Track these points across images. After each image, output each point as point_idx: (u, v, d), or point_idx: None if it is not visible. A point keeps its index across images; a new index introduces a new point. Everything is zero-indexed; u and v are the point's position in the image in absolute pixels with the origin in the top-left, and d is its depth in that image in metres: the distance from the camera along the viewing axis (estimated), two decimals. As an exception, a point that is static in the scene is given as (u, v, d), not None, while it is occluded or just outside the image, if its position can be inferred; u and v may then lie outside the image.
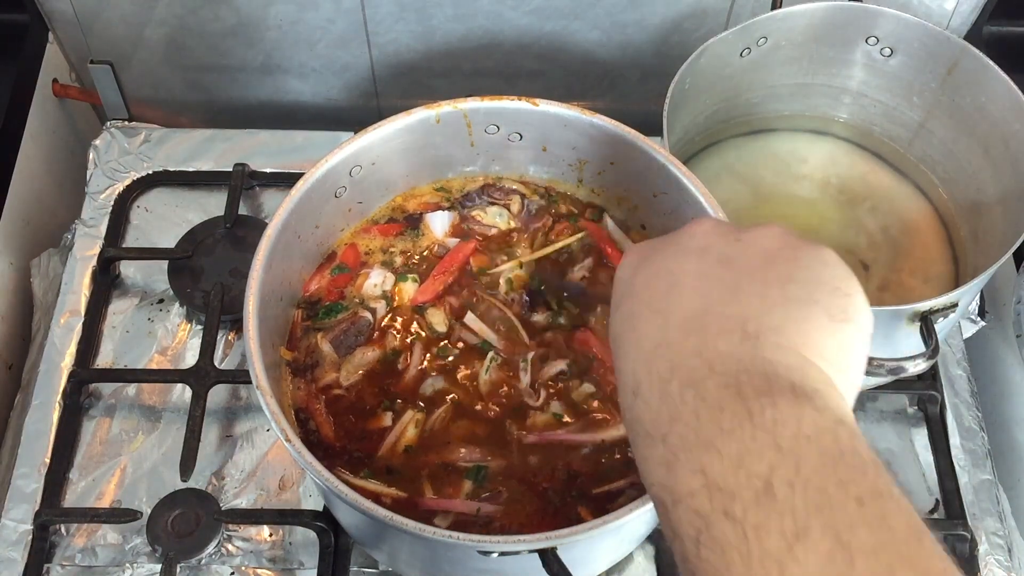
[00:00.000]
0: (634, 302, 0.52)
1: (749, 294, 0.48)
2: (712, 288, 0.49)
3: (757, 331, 0.46)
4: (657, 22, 1.18)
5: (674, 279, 0.51)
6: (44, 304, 1.13)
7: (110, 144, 1.22)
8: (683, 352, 0.47)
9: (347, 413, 0.86)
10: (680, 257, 0.52)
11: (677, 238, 0.55)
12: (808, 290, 0.48)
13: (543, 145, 0.95)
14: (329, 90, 1.28)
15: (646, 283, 0.52)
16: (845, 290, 0.49)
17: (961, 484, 1.02)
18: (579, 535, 0.72)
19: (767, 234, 0.52)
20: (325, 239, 0.93)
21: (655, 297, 0.51)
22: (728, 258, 0.51)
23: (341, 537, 0.95)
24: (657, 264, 0.53)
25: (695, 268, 0.51)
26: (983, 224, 1.04)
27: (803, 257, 0.50)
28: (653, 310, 0.50)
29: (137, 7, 1.17)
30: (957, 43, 1.02)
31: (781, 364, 0.45)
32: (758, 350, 0.46)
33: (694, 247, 0.53)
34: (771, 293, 0.48)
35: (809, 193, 1.12)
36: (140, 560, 0.95)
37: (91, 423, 1.03)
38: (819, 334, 0.47)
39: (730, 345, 0.46)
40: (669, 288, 0.51)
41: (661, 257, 0.53)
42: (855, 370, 0.49)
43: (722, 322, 0.47)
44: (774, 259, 0.50)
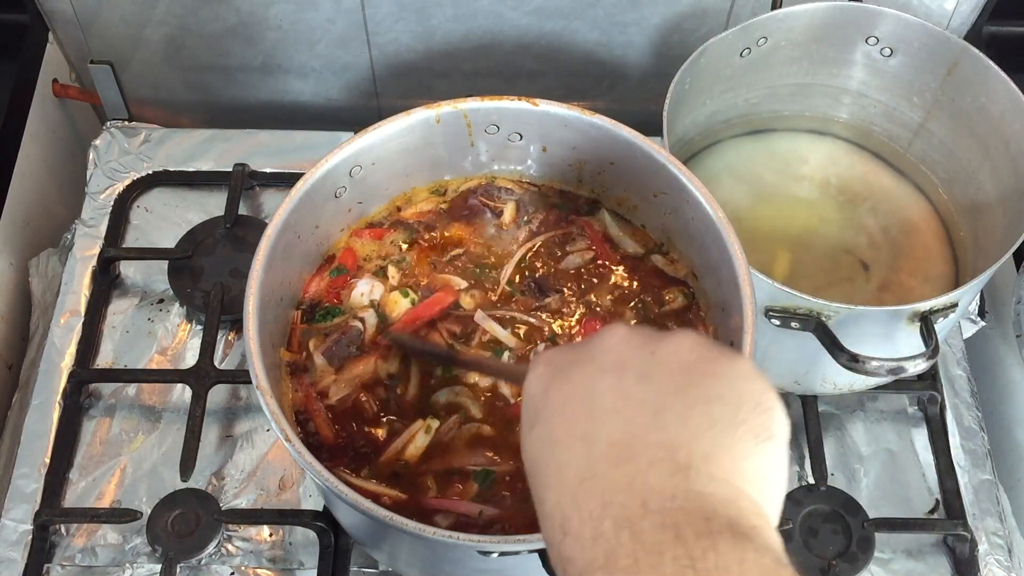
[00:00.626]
0: (552, 425, 0.50)
1: (673, 417, 0.47)
2: (635, 411, 0.48)
3: (688, 461, 0.45)
4: (657, 22, 1.18)
5: (593, 400, 0.49)
6: (43, 304, 1.13)
7: (110, 144, 1.22)
8: (613, 486, 0.45)
9: (347, 416, 0.86)
10: (596, 375, 0.50)
11: (590, 351, 0.52)
12: (732, 410, 0.47)
13: (543, 145, 0.95)
14: (329, 90, 1.28)
15: (563, 404, 0.50)
16: (766, 405, 0.48)
17: (961, 484, 1.02)
18: (579, 535, 0.72)
19: (682, 346, 0.50)
20: (325, 239, 0.93)
21: (575, 421, 0.49)
22: (646, 375, 0.49)
23: (341, 537, 0.95)
24: (573, 383, 0.51)
25: (614, 387, 0.49)
26: (983, 224, 1.04)
27: (722, 371, 0.49)
28: (574, 435, 0.48)
29: (137, 7, 1.17)
30: (957, 43, 1.02)
31: (716, 498, 0.44)
32: (691, 484, 0.44)
33: (610, 364, 0.50)
34: (695, 415, 0.47)
35: (809, 193, 1.12)
36: (140, 560, 0.95)
37: (91, 423, 1.03)
38: (747, 459, 0.46)
39: (662, 478, 0.45)
40: (589, 411, 0.49)
41: (577, 374, 0.51)
42: (780, 488, 0.48)
43: (651, 451, 0.46)
44: (693, 374, 0.48)
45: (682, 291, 0.92)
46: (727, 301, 0.84)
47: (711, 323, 0.90)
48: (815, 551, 0.96)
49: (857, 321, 0.89)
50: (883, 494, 1.02)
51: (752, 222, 1.08)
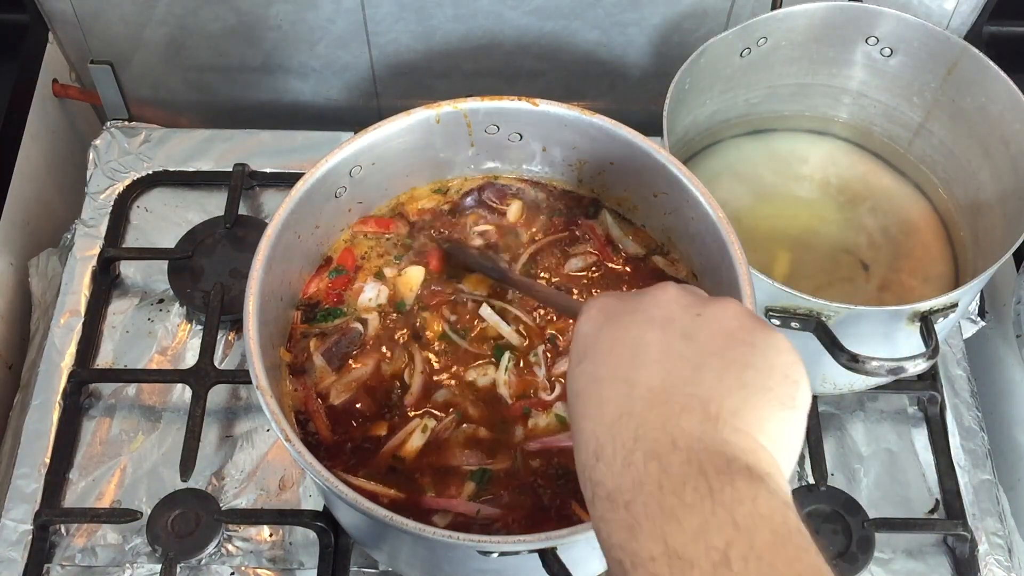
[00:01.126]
0: (598, 364, 0.55)
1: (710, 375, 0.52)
2: (675, 364, 0.53)
3: (718, 413, 0.50)
4: (657, 22, 1.18)
5: (639, 348, 0.54)
6: (43, 304, 1.13)
7: (110, 144, 1.22)
8: (647, 424, 0.50)
9: (347, 416, 0.86)
10: (645, 327, 0.55)
11: (642, 303, 0.57)
12: (763, 377, 0.52)
13: (543, 145, 0.95)
14: (329, 90, 1.28)
15: (610, 347, 0.55)
16: (794, 377, 0.53)
17: (961, 484, 1.02)
18: (579, 535, 0.72)
19: (726, 312, 0.56)
20: (325, 239, 0.93)
21: (620, 364, 0.54)
22: (690, 334, 0.54)
23: (341, 537, 0.95)
24: (623, 329, 0.56)
25: (659, 340, 0.54)
26: (983, 224, 1.04)
27: (759, 342, 0.54)
28: (618, 377, 0.54)
29: (137, 7, 1.17)
30: (957, 43, 1.02)
31: (738, 446, 0.49)
32: (718, 431, 0.50)
33: (659, 317, 0.56)
34: (730, 376, 0.52)
35: (809, 193, 1.12)
36: (140, 560, 0.95)
37: (91, 423, 1.03)
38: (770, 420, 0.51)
39: (692, 423, 0.50)
40: (634, 357, 0.54)
41: (628, 322, 0.56)
42: (795, 451, 0.53)
43: (685, 400, 0.51)
44: (732, 340, 0.54)
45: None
46: (727, 301, 0.84)
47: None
48: (815, 551, 0.96)
49: (857, 321, 0.89)
50: (883, 494, 1.02)
51: (752, 222, 1.08)
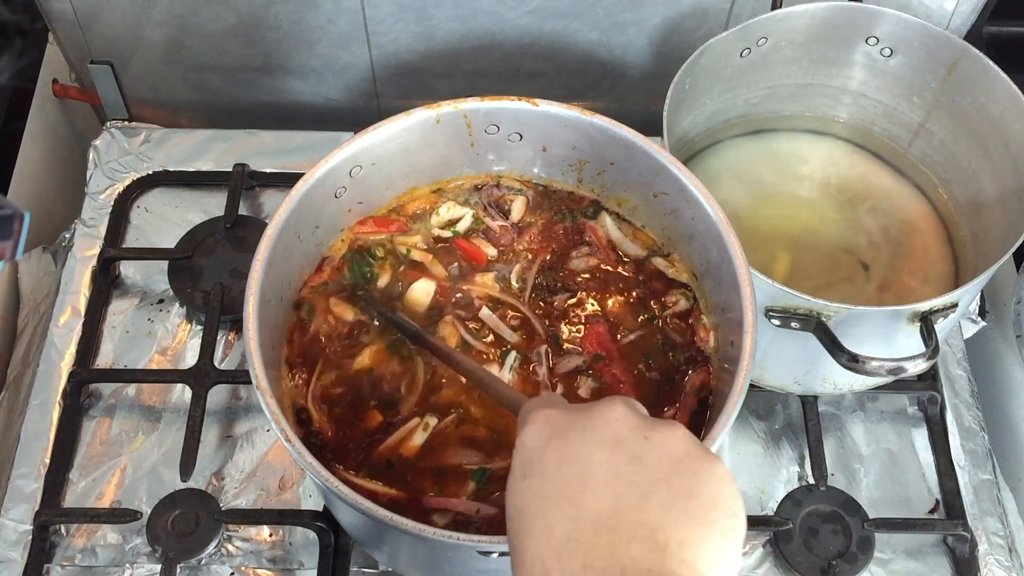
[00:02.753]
0: (544, 482, 0.56)
1: (657, 503, 0.53)
2: (624, 489, 0.54)
3: (666, 543, 0.52)
4: (657, 22, 1.18)
5: (587, 469, 0.55)
6: (32, 301, 1.13)
7: (110, 144, 1.22)
8: (596, 551, 0.51)
9: (348, 414, 0.86)
10: (594, 446, 0.56)
11: (590, 421, 0.57)
12: (707, 509, 0.54)
13: (543, 145, 0.95)
14: (329, 90, 1.28)
15: (557, 464, 0.56)
16: (735, 510, 0.55)
17: (961, 484, 1.02)
18: (579, 535, 0.72)
19: (673, 437, 0.57)
20: (325, 239, 0.93)
21: (567, 484, 0.55)
22: (638, 456, 0.55)
23: (341, 537, 0.95)
24: (570, 446, 0.56)
25: (608, 461, 0.55)
26: (983, 224, 1.04)
27: (703, 471, 0.55)
28: (565, 497, 0.54)
29: (137, 7, 1.17)
30: (957, 43, 1.02)
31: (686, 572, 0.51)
32: (666, 562, 0.51)
33: (607, 437, 0.56)
34: (677, 506, 0.53)
35: (809, 193, 1.12)
36: (140, 560, 0.95)
37: (91, 423, 1.03)
38: (714, 553, 0.53)
39: (641, 553, 0.51)
40: (582, 477, 0.55)
41: (575, 439, 0.56)
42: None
43: (634, 528, 0.52)
44: (679, 467, 0.55)
45: (683, 293, 0.92)
46: (727, 301, 0.84)
47: (711, 324, 0.90)
48: (815, 551, 0.96)
49: (857, 321, 0.89)
50: (883, 494, 1.02)
51: (752, 222, 1.08)
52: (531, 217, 0.97)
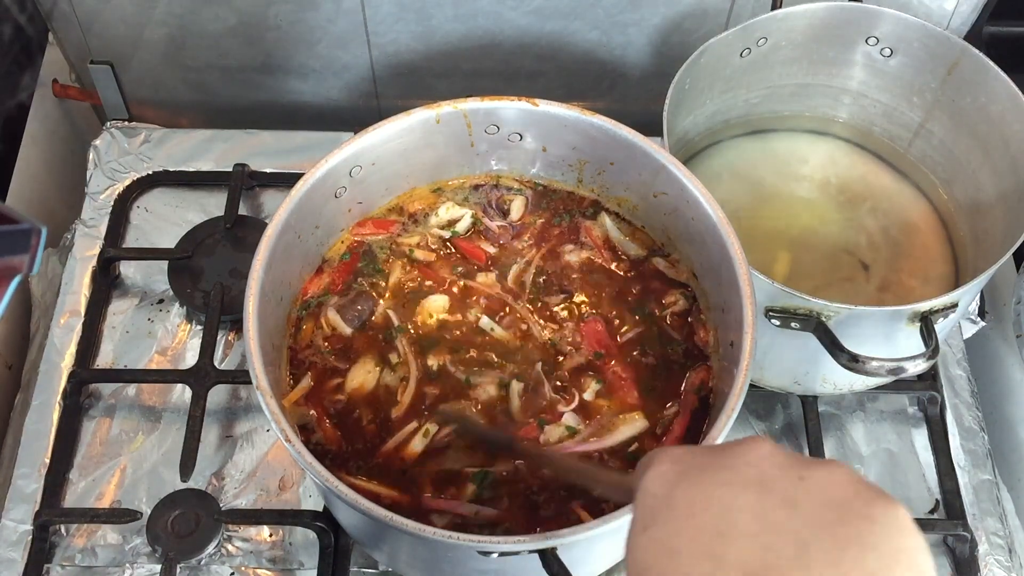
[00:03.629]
0: (673, 533, 0.45)
1: (820, 556, 0.42)
2: (775, 539, 0.43)
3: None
4: (657, 22, 1.18)
5: (728, 515, 0.44)
6: (43, 304, 1.13)
7: (110, 144, 1.22)
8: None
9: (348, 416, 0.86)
10: (734, 489, 0.46)
11: (729, 460, 0.48)
12: (886, 565, 0.43)
13: (543, 145, 0.95)
14: (329, 90, 1.28)
15: (689, 511, 0.46)
16: (923, 567, 0.44)
17: (961, 484, 1.02)
18: (579, 535, 0.72)
19: (835, 478, 0.46)
20: (325, 239, 0.93)
21: (703, 534, 0.44)
22: (792, 501, 0.45)
23: (341, 537, 0.95)
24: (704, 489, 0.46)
25: (753, 507, 0.45)
26: (983, 224, 1.04)
27: (878, 517, 0.44)
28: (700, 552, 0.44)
29: (137, 7, 1.17)
30: (957, 43, 1.02)
31: None
32: None
33: (752, 478, 0.46)
34: (847, 561, 0.42)
35: (809, 193, 1.12)
36: (140, 560, 0.95)
37: (91, 423, 1.03)
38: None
39: None
40: (721, 526, 0.44)
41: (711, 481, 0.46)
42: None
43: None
44: (844, 512, 0.44)
45: (683, 293, 0.92)
46: (727, 301, 0.84)
47: (711, 324, 0.90)
48: (815, 551, 0.96)
49: (857, 321, 0.89)
50: (883, 494, 1.02)
51: (752, 222, 1.08)
52: (530, 217, 0.97)
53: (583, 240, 0.96)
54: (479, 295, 0.92)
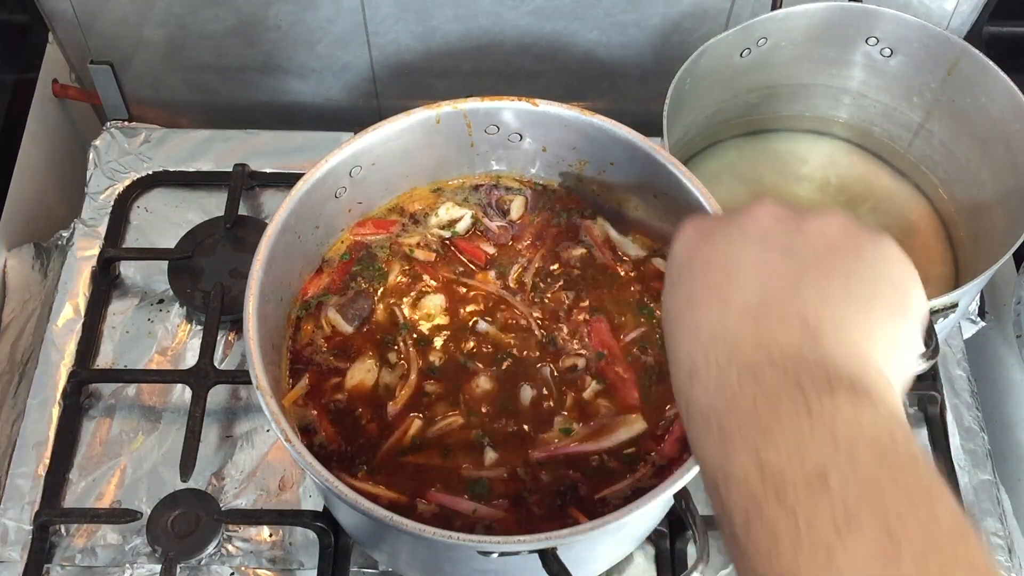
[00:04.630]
0: (692, 284, 0.53)
1: (809, 287, 0.49)
2: (772, 280, 0.50)
3: (818, 325, 0.47)
4: (657, 22, 1.18)
5: (735, 265, 0.51)
6: (19, 296, 1.12)
7: (110, 144, 1.22)
8: (742, 341, 0.48)
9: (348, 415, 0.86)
10: (741, 243, 0.52)
11: (739, 221, 0.54)
12: (869, 286, 0.49)
13: (543, 145, 0.95)
14: (329, 90, 1.28)
15: (704, 267, 0.53)
16: (903, 283, 0.50)
17: (961, 484, 1.02)
18: (579, 535, 0.72)
19: (829, 224, 0.52)
20: (325, 239, 0.93)
21: (714, 283, 0.51)
22: (789, 249, 0.51)
23: (341, 537, 0.95)
24: (718, 247, 0.53)
25: (756, 257, 0.51)
26: (983, 224, 1.04)
27: (865, 250, 0.50)
28: (712, 298, 0.51)
29: (137, 7, 1.17)
30: (957, 43, 1.02)
31: (841, 360, 0.46)
32: (819, 345, 0.46)
33: (756, 233, 0.53)
34: (831, 287, 0.49)
35: (809, 193, 1.12)
36: (140, 560, 0.95)
37: (91, 423, 1.03)
38: (878, 332, 0.48)
39: (790, 338, 0.47)
40: (728, 276, 0.51)
41: (721, 240, 0.53)
42: (908, 361, 0.50)
43: (783, 315, 0.48)
44: (835, 251, 0.50)
45: None
46: (727, 301, 0.84)
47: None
48: (815, 551, 0.96)
49: (857, 321, 0.89)
50: (883, 494, 1.02)
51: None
52: (530, 217, 0.97)
53: (583, 239, 0.96)
54: (479, 294, 0.92)
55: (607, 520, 0.72)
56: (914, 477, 0.43)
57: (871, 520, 0.41)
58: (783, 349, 0.47)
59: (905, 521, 0.41)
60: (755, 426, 0.44)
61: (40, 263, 1.16)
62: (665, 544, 0.95)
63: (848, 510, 0.41)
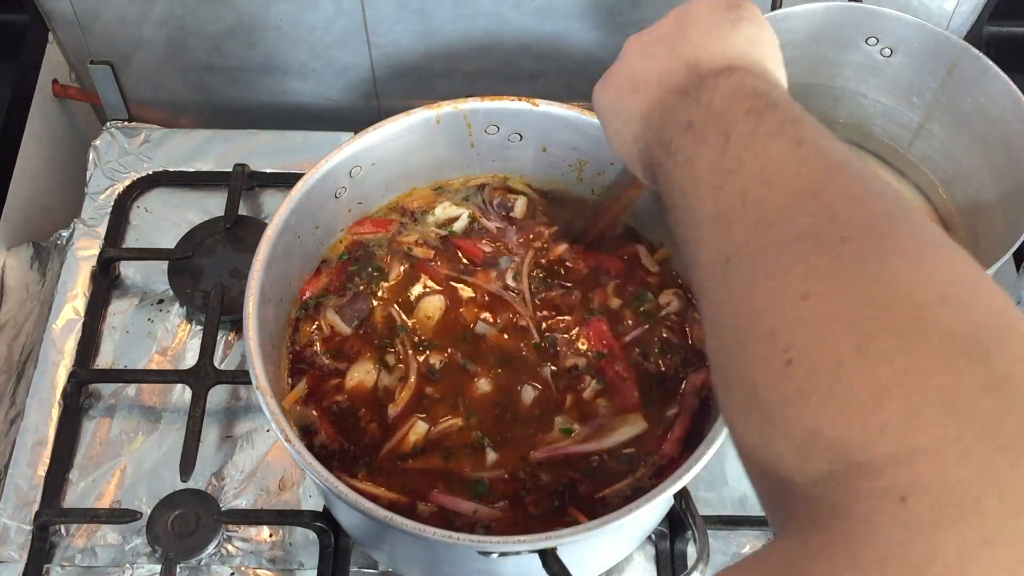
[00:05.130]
0: (623, 66, 0.69)
1: (704, 36, 0.63)
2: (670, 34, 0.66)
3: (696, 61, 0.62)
4: (657, 22, 1.18)
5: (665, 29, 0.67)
6: (17, 296, 1.12)
7: (110, 144, 1.22)
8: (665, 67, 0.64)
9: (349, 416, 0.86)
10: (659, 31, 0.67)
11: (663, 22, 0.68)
12: (748, 38, 0.62)
13: (543, 145, 0.95)
14: (329, 90, 1.28)
15: (639, 53, 0.68)
16: (769, 46, 0.64)
17: (961, 484, 1.02)
18: (579, 535, 0.72)
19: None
20: (325, 239, 0.94)
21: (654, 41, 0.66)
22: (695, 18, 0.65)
23: (341, 537, 0.95)
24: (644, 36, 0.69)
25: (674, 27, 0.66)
26: (983, 224, 1.04)
27: (744, 14, 0.64)
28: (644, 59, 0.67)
29: (137, 7, 1.17)
30: (957, 44, 1.02)
31: (739, 60, 0.61)
32: (724, 56, 0.61)
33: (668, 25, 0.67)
34: (721, 36, 0.63)
35: (809, 193, 1.12)
36: (140, 560, 0.95)
37: (91, 423, 1.03)
38: (731, 39, 0.62)
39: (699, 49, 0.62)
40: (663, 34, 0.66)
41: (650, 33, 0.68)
42: (770, 53, 0.64)
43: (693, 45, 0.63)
44: (724, 11, 0.64)
45: (676, 293, 0.93)
46: (727, 301, 0.84)
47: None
48: (815, 551, 0.96)
49: (857, 321, 0.89)
50: (883, 494, 1.02)
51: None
52: (528, 217, 0.98)
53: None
54: (479, 294, 0.92)
55: (607, 520, 0.72)
56: (772, 110, 0.55)
57: (779, 124, 0.53)
58: (697, 49, 0.62)
59: (805, 126, 0.53)
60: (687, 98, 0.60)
61: (39, 263, 1.16)
62: (665, 544, 0.95)
63: (768, 128, 0.53)
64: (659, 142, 0.61)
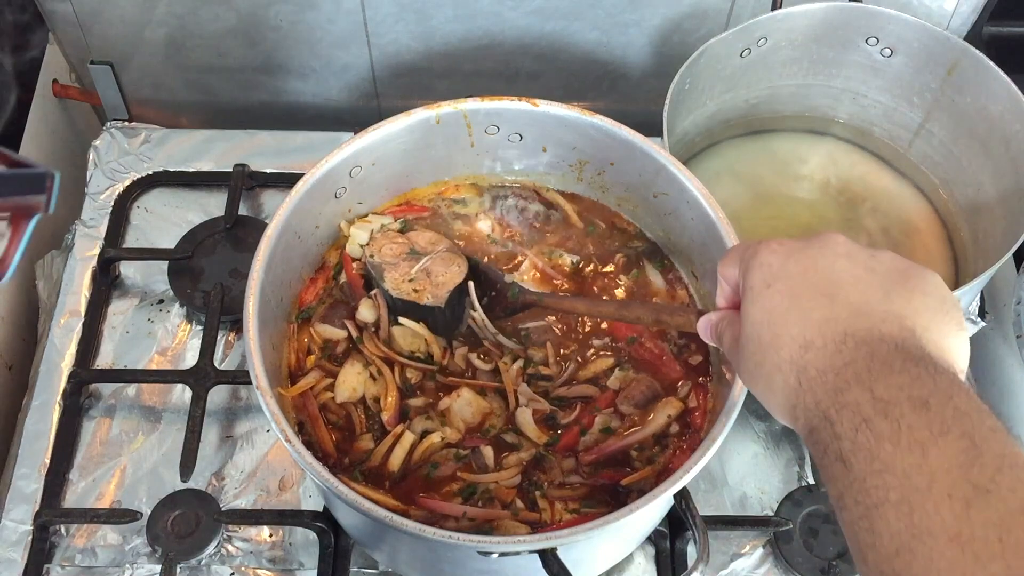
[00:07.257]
0: (793, 285, 0.63)
1: (899, 298, 0.61)
2: (868, 287, 0.62)
3: (912, 327, 0.60)
4: (657, 22, 1.18)
5: (831, 273, 0.62)
6: (48, 306, 1.12)
7: (110, 144, 1.22)
8: (855, 326, 0.60)
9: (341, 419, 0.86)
10: (832, 258, 0.63)
11: (821, 241, 0.65)
12: (938, 303, 0.62)
13: (543, 145, 0.95)
14: (329, 91, 1.28)
15: (803, 272, 0.63)
16: (957, 307, 0.63)
17: (961, 484, 1.02)
18: (579, 535, 0.72)
19: (892, 255, 0.64)
20: (325, 239, 0.94)
21: (817, 284, 0.62)
22: (871, 267, 0.63)
23: (341, 538, 0.95)
24: (812, 258, 0.64)
25: (848, 269, 0.63)
26: (983, 225, 1.04)
27: (927, 277, 0.63)
28: (819, 293, 0.62)
29: (137, 7, 1.17)
30: (957, 44, 1.02)
31: (931, 348, 0.59)
32: (916, 339, 0.60)
33: (842, 252, 0.64)
34: (915, 300, 0.61)
35: (809, 194, 1.12)
36: (140, 560, 0.95)
37: (91, 423, 1.03)
38: (949, 338, 0.61)
39: (892, 331, 0.59)
40: (829, 279, 0.62)
41: (815, 254, 0.64)
42: (966, 363, 0.63)
43: (884, 314, 0.60)
44: (905, 274, 0.63)
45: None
46: (727, 301, 0.84)
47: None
48: (815, 551, 0.96)
49: (857, 321, 0.89)
50: (883, 494, 1.02)
51: (752, 222, 1.08)
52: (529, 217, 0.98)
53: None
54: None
55: (607, 520, 0.72)
56: (995, 418, 0.55)
57: (959, 432, 0.53)
58: (890, 337, 0.59)
59: (986, 436, 0.53)
60: (869, 374, 0.57)
61: (39, 263, 1.16)
62: (665, 544, 0.95)
63: (944, 422, 0.53)
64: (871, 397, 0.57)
